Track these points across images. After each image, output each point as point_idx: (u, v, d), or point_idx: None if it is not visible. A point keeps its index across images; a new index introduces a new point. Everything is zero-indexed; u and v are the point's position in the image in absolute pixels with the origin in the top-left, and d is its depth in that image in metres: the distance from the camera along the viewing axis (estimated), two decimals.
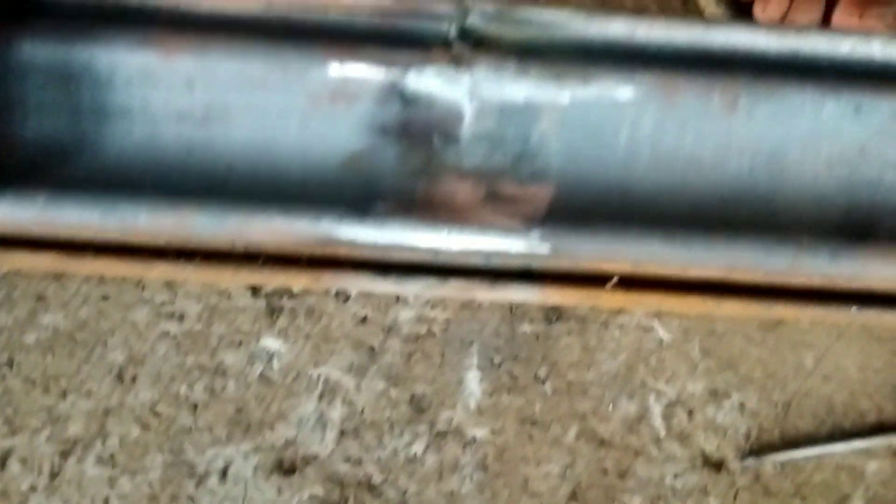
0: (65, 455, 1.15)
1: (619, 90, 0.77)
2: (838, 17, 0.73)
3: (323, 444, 1.14)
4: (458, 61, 0.76)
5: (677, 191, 0.79)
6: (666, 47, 0.77)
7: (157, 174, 0.76)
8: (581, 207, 0.77)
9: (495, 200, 0.76)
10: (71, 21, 0.75)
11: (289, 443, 1.14)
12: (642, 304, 0.70)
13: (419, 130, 0.77)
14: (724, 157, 0.79)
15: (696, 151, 0.78)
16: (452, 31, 0.77)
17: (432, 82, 0.76)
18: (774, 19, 0.75)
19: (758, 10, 0.75)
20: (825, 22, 0.75)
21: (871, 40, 0.75)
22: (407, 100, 0.76)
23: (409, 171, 0.77)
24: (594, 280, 0.73)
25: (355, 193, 0.76)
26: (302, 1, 0.74)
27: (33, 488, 1.14)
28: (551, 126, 0.77)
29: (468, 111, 0.77)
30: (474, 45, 0.77)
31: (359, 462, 1.13)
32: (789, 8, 0.74)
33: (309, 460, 1.14)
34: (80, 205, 0.72)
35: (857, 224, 0.78)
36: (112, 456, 1.15)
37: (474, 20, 0.76)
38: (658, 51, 0.78)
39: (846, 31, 0.76)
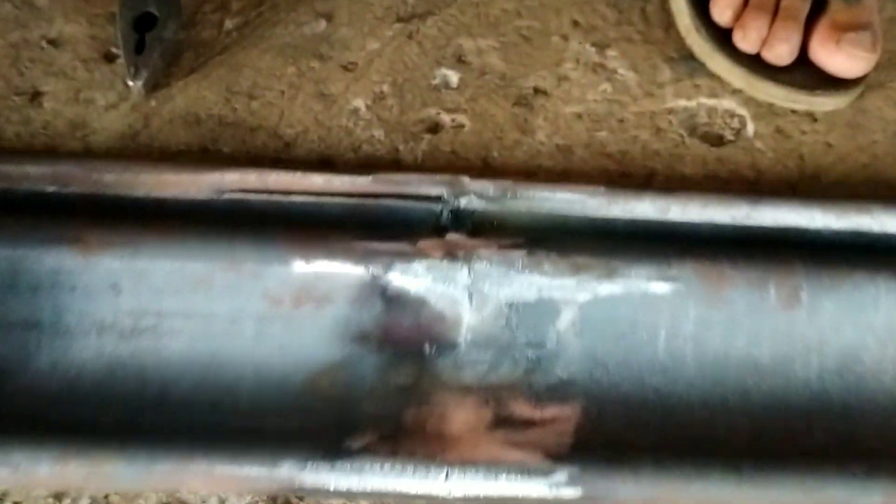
0: None
1: (653, 282, 0.62)
2: (815, 43, 0.65)
3: None
4: (452, 252, 0.61)
5: (732, 405, 0.62)
6: (706, 229, 0.64)
7: (66, 405, 0.58)
8: (616, 433, 0.60)
9: (506, 427, 0.59)
10: None
11: None
12: None
13: (406, 338, 0.61)
14: (787, 362, 0.63)
15: (752, 355, 0.63)
16: (445, 215, 0.63)
17: (422, 279, 0.61)
18: (755, 46, 0.65)
19: (737, 38, 0.66)
20: (804, 48, 0.66)
21: None
22: (390, 300, 0.61)
23: (393, 390, 0.60)
24: None
25: (325, 424, 0.58)
26: (257, 181, 0.59)
27: None
28: (572, 328, 0.62)
29: (467, 312, 0.61)
30: (472, 232, 0.62)
31: None
32: (768, 35, 0.65)
33: None
34: None
35: None
36: None
37: (471, 201, 0.62)
38: (697, 234, 0.64)
39: None
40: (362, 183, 0.61)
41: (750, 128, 0.63)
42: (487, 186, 0.63)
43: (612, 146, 0.61)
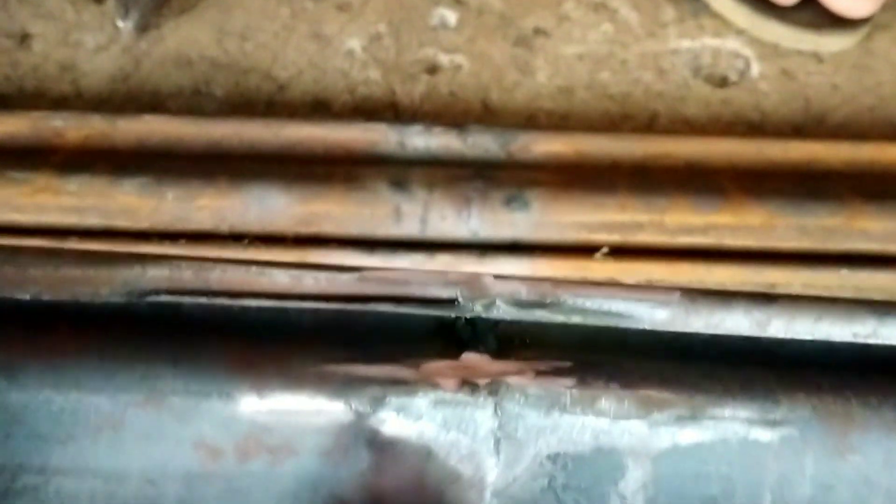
0: None
1: (755, 426, 0.44)
2: None
3: None
4: (471, 381, 0.43)
5: None
6: (819, 350, 0.46)
7: None
8: None
9: None
10: None
11: None
12: (633, 273, 0.49)
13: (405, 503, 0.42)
14: None
15: None
16: (460, 325, 0.45)
17: (427, 420, 0.43)
18: None
19: None
20: None
21: None
22: (382, 451, 0.42)
23: None
24: (584, 250, 0.49)
25: None
26: (195, 278, 0.42)
27: None
28: (643, 490, 0.43)
29: (493, 469, 0.43)
30: (498, 351, 0.44)
31: None
32: None
33: None
34: None
35: None
36: None
37: (498, 309, 0.45)
38: (807, 356, 0.46)
39: None
40: (345, 281, 0.43)
41: (755, 69, 0.63)
42: (519, 289, 0.45)
43: (613, 88, 0.60)
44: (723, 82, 0.62)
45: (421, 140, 0.51)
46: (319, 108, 0.59)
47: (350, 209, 0.46)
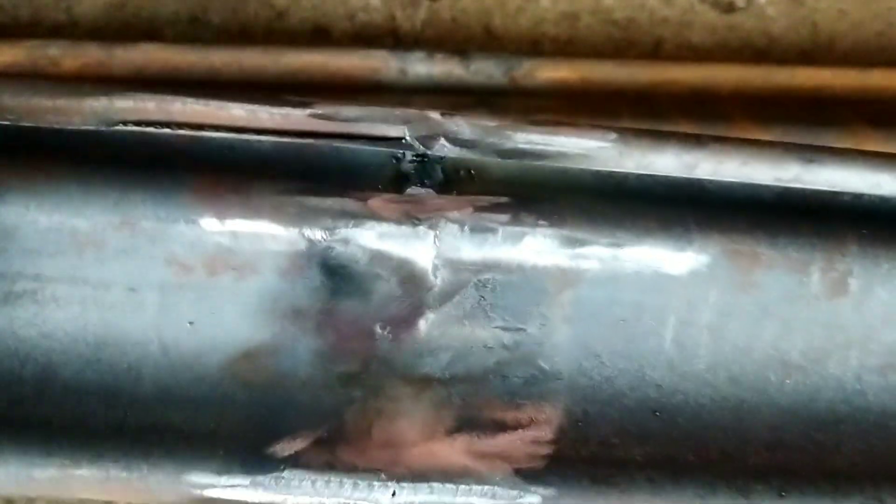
0: None
1: (669, 258, 0.49)
2: None
3: None
4: (414, 214, 0.48)
5: (748, 408, 0.51)
6: (742, 193, 0.50)
7: None
8: (604, 442, 0.49)
9: (471, 432, 0.48)
10: None
11: None
12: None
13: (352, 318, 0.49)
14: (821, 358, 0.51)
15: (779, 349, 0.51)
16: (407, 162, 0.48)
17: (374, 244, 0.48)
18: None
19: None
20: None
21: None
22: (332, 272, 0.48)
23: (334, 382, 0.48)
24: None
25: (245, 422, 0.47)
26: (157, 109, 0.45)
27: None
28: (561, 311, 0.50)
29: (430, 288, 0.48)
30: (441, 187, 0.48)
31: None
32: None
33: None
34: None
35: None
36: None
37: (443, 147, 0.48)
38: (730, 195, 0.50)
39: None
40: (298, 117, 0.46)
41: None
42: (463, 126, 0.48)
43: (618, 13, 0.60)
44: (729, 7, 0.60)
45: (422, 67, 0.50)
46: (319, 36, 0.58)
47: None
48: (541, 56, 0.54)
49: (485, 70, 0.53)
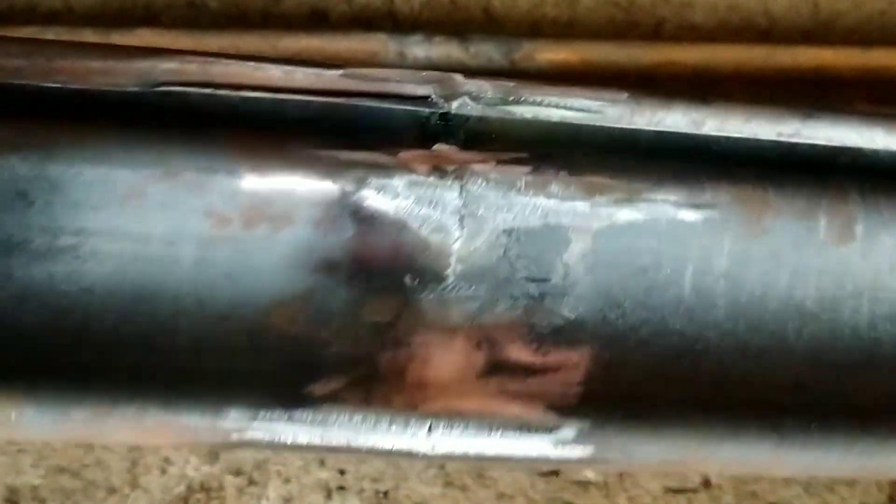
0: None
1: (682, 209, 0.52)
2: None
3: None
4: (441, 167, 0.50)
5: (769, 354, 0.52)
6: (748, 147, 0.53)
7: None
8: (633, 384, 0.50)
9: (502, 374, 0.49)
10: None
11: None
12: None
13: (383, 268, 0.50)
14: (834, 305, 0.53)
15: (794, 297, 0.53)
16: (433, 121, 0.51)
17: (402, 198, 0.50)
18: None
19: None
20: None
21: None
22: (364, 223, 0.50)
23: (367, 329, 0.50)
24: None
25: (281, 365, 0.48)
26: (199, 70, 0.48)
27: None
28: (582, 261, 0.52)
29: (457, 240, 0.51)
30: (465, 143, 0.51)
31: None
32: None
33: None
34: None
35: None
36: None
37: (465, 105, 0.51)
38: (736, 152, 0.53)
39: None
40: (330, 77, 0.50)
41: None
42: (485, 87, 0.51)
43: None
44: None
45: (421, 50, 0.52)
46: (316, 19, 0.56)
47: None
48: (541, 38, 0.53)
49: (484, 52, 0.53)
